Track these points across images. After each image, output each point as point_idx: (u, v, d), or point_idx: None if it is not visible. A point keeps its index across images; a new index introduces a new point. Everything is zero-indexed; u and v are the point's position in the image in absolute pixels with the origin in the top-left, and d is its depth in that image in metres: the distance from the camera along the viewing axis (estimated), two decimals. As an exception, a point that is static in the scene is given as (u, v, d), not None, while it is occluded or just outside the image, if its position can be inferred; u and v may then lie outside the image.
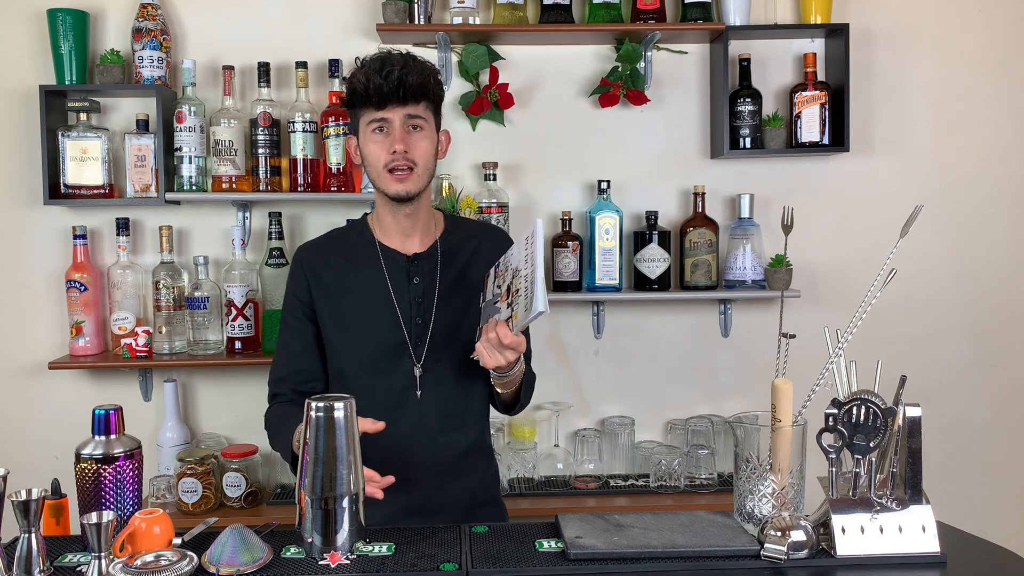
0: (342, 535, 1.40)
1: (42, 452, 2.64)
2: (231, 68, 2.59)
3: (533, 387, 1.85)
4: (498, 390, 1.73)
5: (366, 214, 1.89)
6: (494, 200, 2.62)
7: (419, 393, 1.75)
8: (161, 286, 2.58)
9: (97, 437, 1.46)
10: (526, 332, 1.80)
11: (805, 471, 1.47)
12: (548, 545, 1.45)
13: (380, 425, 1.55)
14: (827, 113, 2.67)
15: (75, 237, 2.58)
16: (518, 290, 1.55)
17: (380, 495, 1.50)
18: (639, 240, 2.68)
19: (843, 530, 1.40)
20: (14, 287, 2.68)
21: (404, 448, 1.72)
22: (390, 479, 1.52)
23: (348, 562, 1.38)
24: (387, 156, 1.68)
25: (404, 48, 2.64)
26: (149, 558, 1.31)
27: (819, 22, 2.65)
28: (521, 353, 1.61)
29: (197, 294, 2.59)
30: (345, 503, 1.39)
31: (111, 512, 1.33)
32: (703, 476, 2.63)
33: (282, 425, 1.73)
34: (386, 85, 1.64)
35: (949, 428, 2.81)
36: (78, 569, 1.37)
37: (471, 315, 1.75)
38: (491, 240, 1.85)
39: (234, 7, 2.68)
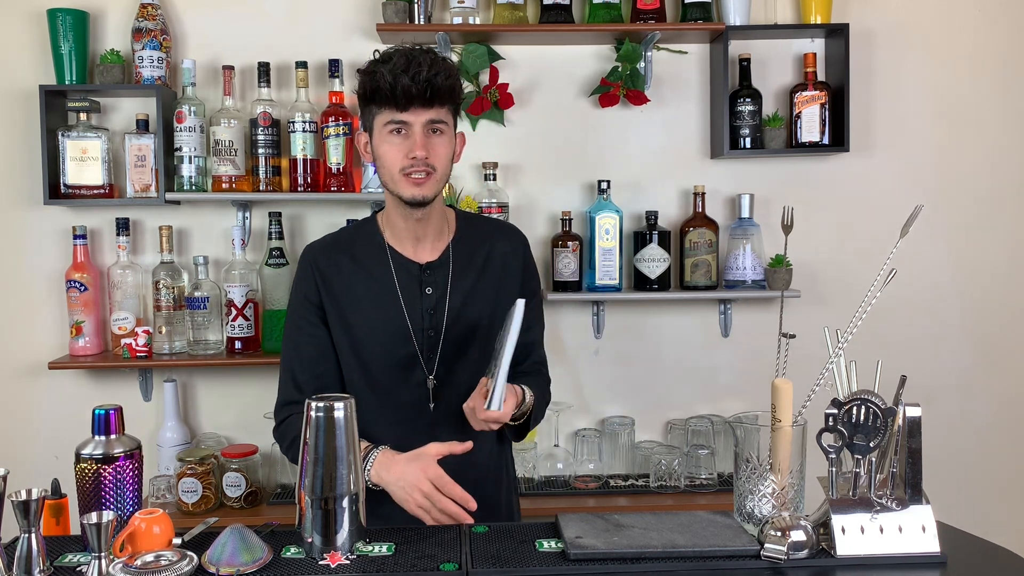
0: (342, 535, 1.40)
1: (42, 452, 2.65)
2: (231, 68, 2.59)
3: (546, 406, 1.83)
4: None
5: (375, 212, 1.83)
6: (494, 200, 2.62)
7: (432, 405, 1.71)
8: (161, 286, 2.58)
9: (97, 437, 1.46)
10: (536, 335, 1.83)
11: (805, 471, 1.47)
12: (548, 545, 1.44)
13: (468, 445, 1.57)
14: (827, 113, 2.67)
15: (75, 237, 2.58)
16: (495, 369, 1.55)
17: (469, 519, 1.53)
18: (639, 240, 2.68)
19: (843, 530, 1.40)
20: (14, 287, 2.68)
21: None
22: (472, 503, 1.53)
23: (348, 562, 1.38)
24: (405, 160, 1.60)
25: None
26: (149, 558, 1.31)
27: (819, 22, 2.65)
28: (504, 422, 1.59)
29: (197, 294, 2.59)
30: (345, 503, 1.39)
31: (111, 512, 1.32)
32: (703, 476, 2.63)
33: None
34: (414, 87, 1.55)
35: (949, 428, 2.81)
36: (78, 569, 1.37)
37: (484, 326, 1.71)
38: (503, 240, 1.79)
39: (234, 7, 2.68)
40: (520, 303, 1.51)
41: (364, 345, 1.70)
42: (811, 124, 2.68)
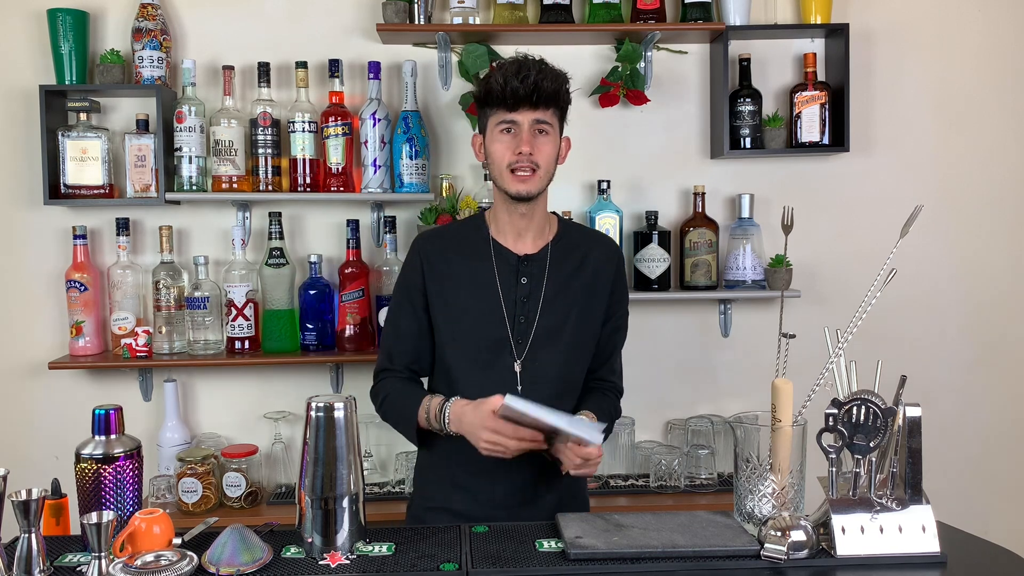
0: (342, 535, 1.40)
1: (42, 452, 2.65)
2: (231, 68, 2.59)
3: (613, 421, 1.94)
4: None
5: (483, 210, 1.96)
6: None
7: (519, 388, 1.79)
8: (161, 286, 2.58)
9: (97, 437, 1.46)
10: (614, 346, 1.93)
11: (805, 471, 1.47)
12: (548, 545, 1.45)
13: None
14: (827, 113, 2.67)
15: (75, 237, 2.58)
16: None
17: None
18: (639, 240, 2.68)
19: (843, 530, 1.40)
20: (14, 287, 2.68)
21: None
22: None
23: (348, 562, 1.38)
24: (512, 156, 1.74)
25: (407, 47, 2.68)
26: (149, 558, 1.31)
27: (819, 22, 2.65)
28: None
29: (197, 294, 2.59)
30: (345, 503, 1.39)
31: (111, 512, 1.33)
32: (703, 476, 2.63)
33: (406, 399, 1.81)
34: (522, 88, 1.71)
35: (949, 428, 2.81)
36: (78, 569, 1.37)
37: (573, 320, 1.82)
38: (600, 247, 1.91)
39: (234, 7, 2.68)
40: (506, 397, 1.59)
41: (460, 324, 1.82)
42: (811, 124, 2.68)
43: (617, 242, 2.61)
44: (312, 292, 2.59)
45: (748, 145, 2.67)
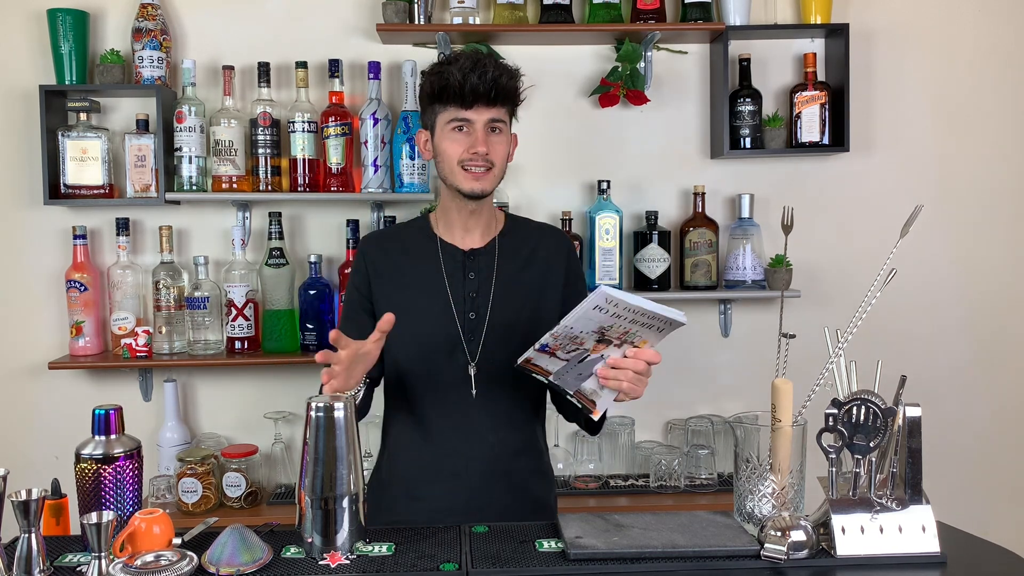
0: (342, 535, 1.40)
1: (42, 452, 2.65)
2: (231, 68, 2.59)
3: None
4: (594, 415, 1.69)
5: (427, 211, 1.88)
6: (494, 200, 2.60)
7: (474, 392, 1.73)
8: (161, 286, 2.58)
9: (97, 437, 1.46)
10: None
11: (805, 471, 1.47)
12: (548, 545, 1.45)
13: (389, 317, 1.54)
14: (827, 113, 2.67)
15: (75, 237, 2.58)
16: (626, 331, 1.54)
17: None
18: (639, 240, 2.68)
19: (843, 530, 1.40)
20: (14, 287, 2.68)
21: (455, 444, 1.73)
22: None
23: (348, 562, 1.38)
24: (465, 154, 1.68)
25: (407, 47, 2.68)
26: (149, 558, 1.31)
27: (819, 22, 2.65)
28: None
29: (197, 294, 2.59)
30: (345, 503, 1.39)
31: (111, 512, 1.32)
32: (703, 476, 2.63)
33: None
34: (482, 85, 1.64)
35: (949, 428, 2.81)
36: (78, 569, 1.37)
37: (526, 315, 1.75)
38: (549, 239, 1.86)
39: (234, 7, 2.68)
40: (601, 288, 1.46)
41: (410, 325, 1.74)
42: (811, 124, 2.68)
43: (618, 242, 2.62)
44: (312, 292, 2.59)
45: (748, 145, 2.67)
